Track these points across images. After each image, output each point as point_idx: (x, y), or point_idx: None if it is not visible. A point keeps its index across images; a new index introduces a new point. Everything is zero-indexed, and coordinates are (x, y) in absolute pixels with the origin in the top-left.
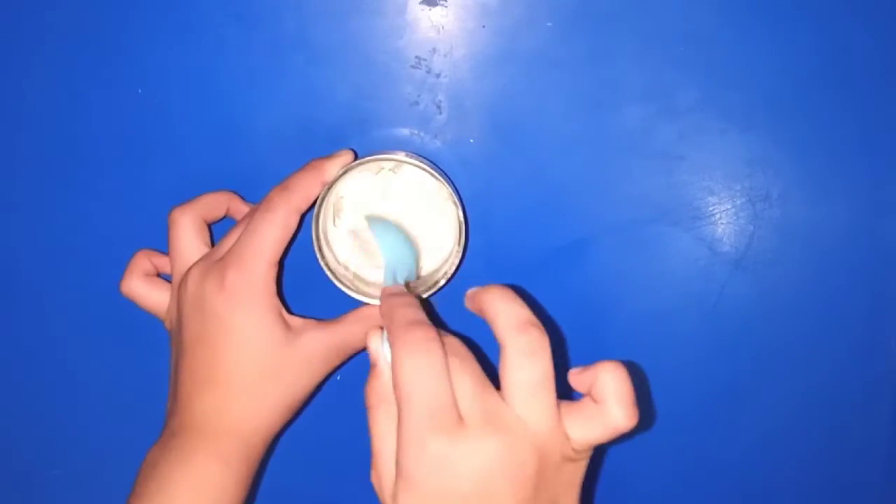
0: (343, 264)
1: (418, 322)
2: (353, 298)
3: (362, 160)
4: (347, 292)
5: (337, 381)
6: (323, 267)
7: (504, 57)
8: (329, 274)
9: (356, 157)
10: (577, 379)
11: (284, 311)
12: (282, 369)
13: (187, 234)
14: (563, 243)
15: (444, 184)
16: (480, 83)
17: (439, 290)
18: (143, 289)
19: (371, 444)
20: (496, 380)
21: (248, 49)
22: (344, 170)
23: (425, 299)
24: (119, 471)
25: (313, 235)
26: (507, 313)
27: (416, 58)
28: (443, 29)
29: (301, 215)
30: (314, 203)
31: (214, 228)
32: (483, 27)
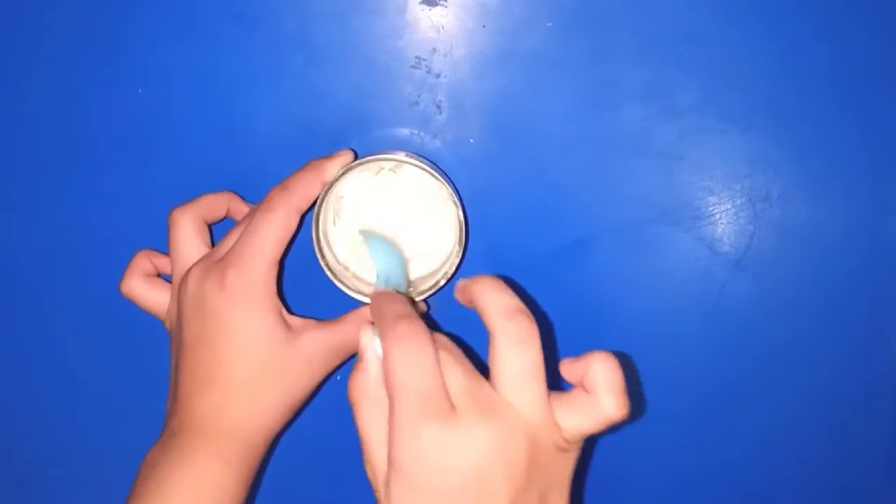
0: (343, 264)
1: (408, 316)
2: (353, 298)
3: (362, 160)
4: (347, 292)
5: (337, 381)
6: (323, 267)
7: (504, 57)
8: (329, 274)
9: (356, 157)
10: (568, 369)
11: (285, 310)
12: (282, 369)
13: (187, 235)
14: (563, 243)
15: (444, 184)
16: (480, 83)
17: (439, 290)
18: (144, 289)
19: (360, 437)
20: (487, 377)
21: (248, 49)
22: (344, 170)
23: (418, 303)
24: (119, 471)
25: (313, 235)
26: (496, 302)
27: (416, 58)
28: (443, 29)
29: (301, 215)
30: (314, 203)
31: (214, 228)
32: (483, 27)
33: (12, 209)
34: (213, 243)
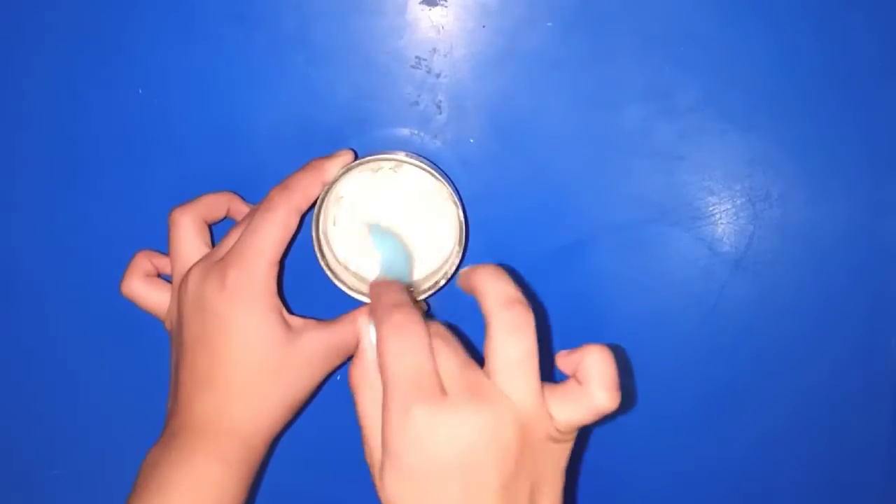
0: (343, 264)
1: (403, 304)
2: (353, 298)
3: (362, 160)
4: (347, 292)
5: (337, 381)
6: (323, 267)
7: (504, 57)
8: (329, 274)
9: (356, 157)
10: (564, 361)
11: (285, 311)
12: (282, 369)
13: (188, 235)
14: (563, 243)
15: (444, 184)
16: (480, 83)
17: (439, 290)
18: (144, 289)
19: (359, 424)
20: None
21: (248, 49)
22: (344, 170)
23: (419, 302)
24: (119, 471)
25: (313, 235)
26: (494, 290)
27: (416, 58)
28: (443, 29)
29: (301, 215)
30: (314, 203)
31: (215, 229)
32: (483, 27)
33: (12, 209)
34: (213, 243)
